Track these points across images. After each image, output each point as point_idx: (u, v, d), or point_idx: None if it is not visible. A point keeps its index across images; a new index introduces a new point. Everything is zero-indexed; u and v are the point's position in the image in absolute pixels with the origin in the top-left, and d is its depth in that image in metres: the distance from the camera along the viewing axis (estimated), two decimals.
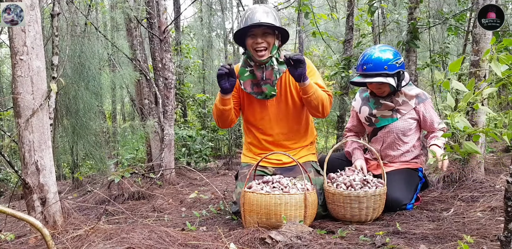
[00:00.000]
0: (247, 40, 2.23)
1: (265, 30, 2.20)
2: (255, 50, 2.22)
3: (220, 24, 9.90)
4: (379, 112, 2.41)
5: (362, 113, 2.50)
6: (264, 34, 2.20)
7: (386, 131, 2.44)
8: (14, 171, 2.05)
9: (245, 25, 2.17)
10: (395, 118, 2.40)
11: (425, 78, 9.07)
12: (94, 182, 3.93)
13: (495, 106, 6.75)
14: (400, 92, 2.39)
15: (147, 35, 4.29)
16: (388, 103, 2.37)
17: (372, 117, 2.44)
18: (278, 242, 1.64)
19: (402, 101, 2.38)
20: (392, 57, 2.28)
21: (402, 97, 2.39)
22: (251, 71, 2.33)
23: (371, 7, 4.49)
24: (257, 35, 2.20)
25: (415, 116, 2.40)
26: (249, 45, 2.23)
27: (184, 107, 7.34)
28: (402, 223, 1.99)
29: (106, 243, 1.55)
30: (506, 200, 1.20)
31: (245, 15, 2.22)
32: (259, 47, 2.20)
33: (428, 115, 2.39)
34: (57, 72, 2.75)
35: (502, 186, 2.49)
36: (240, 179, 2.38)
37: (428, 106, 2.40)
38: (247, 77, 2.34)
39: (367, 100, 2.48)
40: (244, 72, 2.34)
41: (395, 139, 2.42)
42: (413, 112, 2.40)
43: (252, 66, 2.32)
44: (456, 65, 1.25)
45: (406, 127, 2.40)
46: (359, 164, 2.43)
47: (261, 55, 2.21)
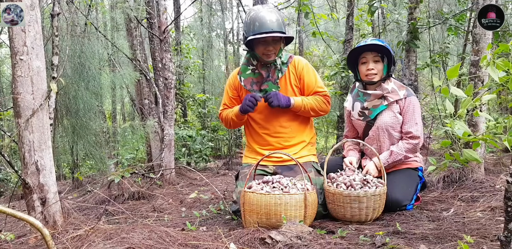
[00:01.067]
0: (258, 46, 2.35)
1: (275, 37, 2.33)
2: (265, 55, 2.35)
3: (220, 24, 9.91)
4: (370, 103, 2.43)
5: (355, 110, 2.51)
6: (274, 40, 2.34)
7: (375, 127, 2.43)
8: (14, 171, 2.05)
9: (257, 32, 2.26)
10: (384, 105, 2.40)
11: (425, 78, 9.08)
12: (94, 182, 3.94)
13: (495, 106, 6.75)
14: (390, 80, 2.42)
15: (147, 35, 4.29)
16: (376, 92, 2.39)
17: (365, 111, 2.46)
18: (278, 242, 1.64)
19: (392, 89, 2.39)
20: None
21: (392, 85, 2.41)
22: (253, 70, 2.44)
23: (371, 7, 4.49)
24: (268, 43, 2.33)
25: (400, 111, 2.41)
26: (260, 51, 2.36)
27: (184, 107, 7.34)
28: (402, 223, 1.99)
29: (106, 243, 1.55)
30: (506, 200, 1.20)
31: (253, 19, 2.30)
32: (270, 53, 2.35)
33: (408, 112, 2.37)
34: (57, 72, 2.75)
35: (502, 186, 2.50)
36: (240, 179, 2.38)
37: (414, 103, 2.38)
38: (248, 75, 2.45)
39: (357, 96, 2.51)
40: (246, 70, 2.46)
41: (387, 134, 2.41)
42: (397, 106, 2.40)
43: (255, 65, 2.44)
44: (454, 71, 1.25)
45: (394, 122, 2.39)
46: (348, 160, 2.45)
47: (269, 57, 2.36)
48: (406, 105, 2.38)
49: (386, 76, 2.41)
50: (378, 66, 2.38)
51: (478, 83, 2.65)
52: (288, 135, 2.46)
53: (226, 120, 2.52)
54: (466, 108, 1.26)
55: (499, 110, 6.71)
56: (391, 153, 2.36)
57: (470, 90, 1.27)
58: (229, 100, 2.55)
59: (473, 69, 2.71)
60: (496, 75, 1.20)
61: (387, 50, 2.35)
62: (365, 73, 2.41)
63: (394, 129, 2.40)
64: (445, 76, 1.31)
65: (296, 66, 2.47)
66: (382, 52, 2.39)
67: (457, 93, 1.28)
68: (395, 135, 2.41)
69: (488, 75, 2.44)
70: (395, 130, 2.40)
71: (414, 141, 2.35)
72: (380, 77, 2.40)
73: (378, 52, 2.39)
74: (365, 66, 2.40)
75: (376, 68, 2.38)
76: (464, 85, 6.34)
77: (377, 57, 2.39)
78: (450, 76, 1.25)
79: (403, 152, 2.34)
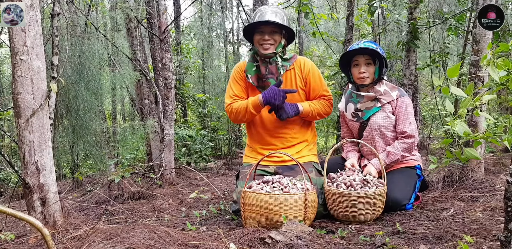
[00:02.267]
0: (255, 36, 2.36)
1: (273, 28, 2.33)
2: (261, 45, 2.34)
3: (220, 24, 9.91)
4: (363, 105, 2.45)
5: (348, 111, 2.54)
6: (272, 32, 2.34)
7: (368, 128, 2.46)
8: (14, 171, 2.05)
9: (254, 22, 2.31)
10: (378, 107, 2.42)
11: (425, 78, 9.08)
12: (94, 182, 3.94)
13: (495, 106, 6.75)
14: (382, 82, 2.44)
15: (147, 35, 4.29)
16: (369, 94, 2.41)
17: (358, 112, 2.48)
18: (278, 242, 1.64)
19: (384, 91, 2.41)
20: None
21: (384, 87, 2.43)
22: (258, 66, 2.44)
23: (371, 7, 4.49)
24: (264, 32, 2.33)
25: (392, 111, 2.42)
26: (256, 41, 2.36)
27: (184, 107, 7.34)
28: (402, 223, 1.99)
29: (106, 243, 1.55)
30: (506, 200, 1.20)
31: (256, 14, 2.36)
32: (265, 43, 2.33)
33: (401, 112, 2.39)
34: (57, 72, 2.75)
35: (502, 186, 2.50)
36: (241, 178, 2.38)
37: (406, 103, 2.40)
38: (254, 71, 2.45)
39: (350, 97, 2.53)
40: (251, 67, 2.45)
41: (380, 134, 2.43)
42: (390, 107, 2.42)
43: (258, 62, 2.43)
44: (454, 70, 1.25)
45: (386, 121, 2.40)
46: (349, 163, 2.45)
47: (265, 48, 2.34)
48: (399, 106, 2.40)
49: (378, 79, 2.42)
50: (370, 69, 2.40)
51: (478, 83, 2.65)
52: (291, 136, 2.46)
53: (238, 112, 2.39)
54: (466, 108, 1.26)
55: (499, 110, 6.71)
56: (388, 154, 2.37)
57: (470, 90, 1.27)
58: (239, 91, 2.46)
59: (473, 69, 2.71)
60: (496, 75, 1.20)
61: (378, 53, 2.36)
62: (357, 76, 2.42)
63: (387, 129, 2.42)
64: (445, 76, 1.30)
65: (302, 68, 2.45)
66: (373, 55, 2.40)
67: (457, 93, 1.28)
68: (388, 135, 2.42)
69: (488, 75, 2.44)
70: (388, 129, 2.42)
71: (409, 140, 2.36)
72: (372, 80, 2.42)
73: (370, 55, 2.40)
74: (357, 69, 2.42)
75: (368, 71, 2.40)
76: (464, 85, 6.34)
77: (369, 60, 2.40)
78: (450, 76, 1.25)
79: (399, 151, 2.36)
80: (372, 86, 2.43)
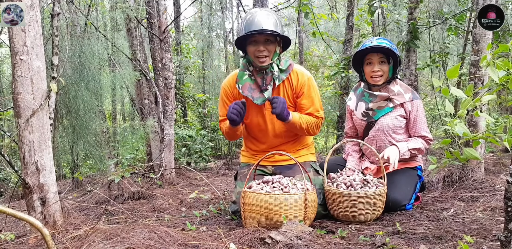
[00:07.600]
0: (249, 47, 2.20)
1: (267, 37, 2.17)
2: (257, 57, 2.19)
3: (220, 24, 9.90)
4: (375, 104, 2.40)
5: (358, 110, 2.48)
6: (266, 41, 2.17)
7: (376, 128, 2.42)
8: (14, 171, 2.05)
9: (247, 31, 2.12)
10: (390, 107, 2.39)
11: (425, 78, 9.08)
12: (94, 182, 3.93)
13: (495, 106, 6.75)
14: (396, 82, 2.40)
15: (147, 35, 4.29)
16: (383, 94, 2.36)
17: (370, 111, 2.43)
18: (278, 242, 1.64)
19: (398, 91, 2.37)
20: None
21: (398, 87, 2.39)
22: (250, 76, 2.30)
23: (371, 7, 4.49)
24: (259, 43, 2.17)
25: (403, 114, 2.39)
26: (251, 52, 2.20)
27: (184, 107, 7.34)
28: (402, 223, 1.99)
29: (106, 243, 1.55)
30: (506, 200, 1.20)
31: (246, 19, 2.17)
32: (261, 55, 2.17)
33: (418, 117, 2.38)
34: (57, 72, 2.75)
35: (502, 186, 2.50)
36: (239, 179, 2.38)
37: (420, 107, 2.39)
38: (245, 80, 2.30)
39: (362, 96, 2.47)
40: (243, 76, 2.31)
41: (386, 136, 2.40)
42: (401, 109, 2.38)
43: (251, 71, 2.30)
44: (454, 71, 1.25)
45: (395, 124, 2.38)
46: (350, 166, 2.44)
47: (262, 61, 2.19)
48: (415, 110, 2.37)
49: (392, 78, 2.38)
50: (384, 67, 2.35)
51: (478, 83, 2.65)
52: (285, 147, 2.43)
53: (227, 132, 2.33)
54: (466, 108, 1.25)
55: (499, 110, 6.71)
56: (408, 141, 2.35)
57: (470, 91, 1.26)
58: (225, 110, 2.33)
59: (473, 69, 2.71)
60: (496, 75, 1.20)
61: (392, 52, 2.31)
62: (371, 74, 2.37)
63: (394, 131, 2.39)
64: (445, 77, 1.30)
65: (298, 81, 2.29)
66: (387, 53, 2.35)
67: (457, 94, 1.28)
68: (395, 137, 2.40)
69: (488, 75, 2.44)
70: (396, 132, 2.39)
71: (428, 144, 2.39)
72: (386, 79, 2.37)
73: (384, 53, 2.35)
74: (370, 68, 2.36)
75: (382, 70, 2.35)
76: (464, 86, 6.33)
77: (382, 59, 2.35)
78: (450, 76, 1.25)
79: (420, 144, 2.34)
80: (385, 86, 2.39)
